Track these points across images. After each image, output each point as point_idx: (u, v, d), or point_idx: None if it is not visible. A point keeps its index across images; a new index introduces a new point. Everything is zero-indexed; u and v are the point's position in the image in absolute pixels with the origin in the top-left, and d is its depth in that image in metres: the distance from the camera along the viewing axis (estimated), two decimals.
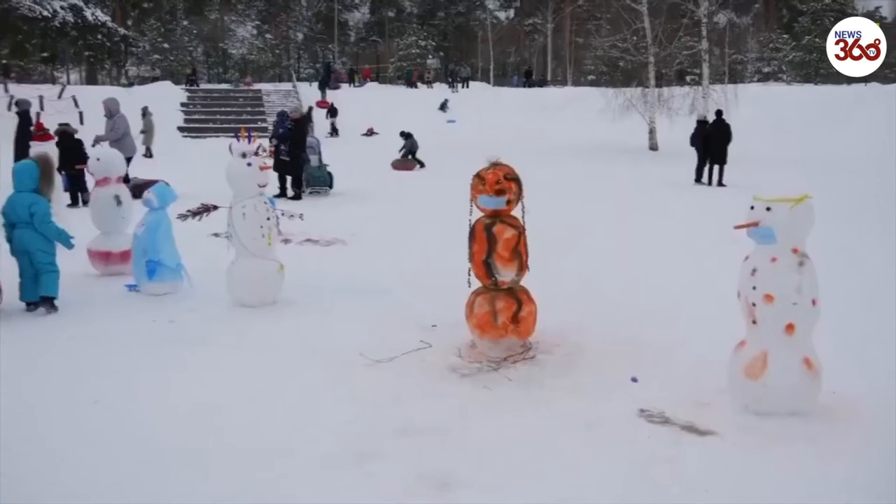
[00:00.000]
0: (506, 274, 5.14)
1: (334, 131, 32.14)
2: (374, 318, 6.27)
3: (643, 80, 27.45)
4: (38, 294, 6.50)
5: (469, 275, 5.29)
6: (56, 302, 6.54)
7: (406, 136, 21.77)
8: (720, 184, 16.89)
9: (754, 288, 4.24)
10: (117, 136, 13.10)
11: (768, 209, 4.16)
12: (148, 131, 24.77)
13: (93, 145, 12.09)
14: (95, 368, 5.17)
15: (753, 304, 4.25)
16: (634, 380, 4.90)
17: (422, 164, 21.11)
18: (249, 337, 5.88)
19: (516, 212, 5.27)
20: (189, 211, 6.69)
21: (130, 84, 33.06)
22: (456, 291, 5.52)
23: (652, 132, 27.24)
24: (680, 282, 7.64)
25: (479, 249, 5.13)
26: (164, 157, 23.64)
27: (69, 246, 6.72)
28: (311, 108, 29.67)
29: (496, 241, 5.07)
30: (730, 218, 4.84)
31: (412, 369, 5.10)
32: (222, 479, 3.68)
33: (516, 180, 5.17)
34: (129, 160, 11.41)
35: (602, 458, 3.90)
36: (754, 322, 4.30)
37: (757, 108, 27.25)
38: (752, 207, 4.25)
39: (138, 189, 9.13)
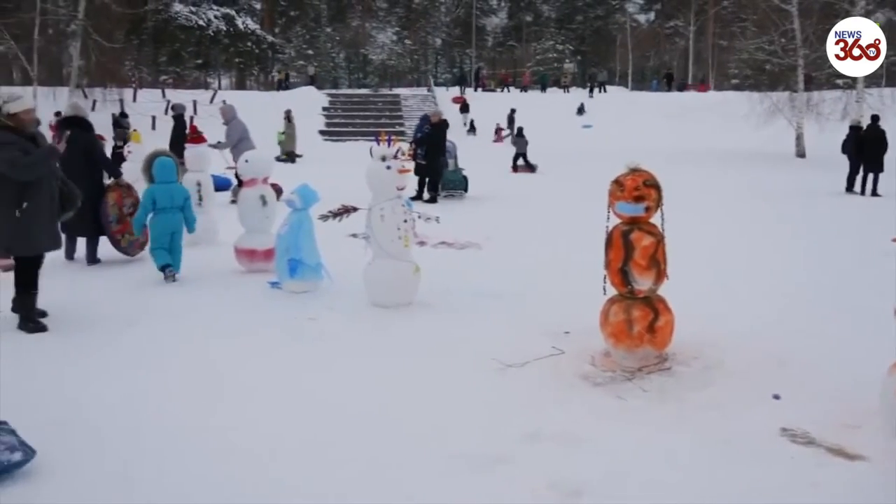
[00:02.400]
0: (642, 282, 5.03)
1: (472, 129, 32.61)
2: (507, 322, 6.27)
3: (791, 83, 26.30)
4: (173, 266, 7.78)
5: (605, 282, 5.21)
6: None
7: (518, 133, 21.97)
8: (874, 193, 15.98)
9: None
10: (231, 143, 13.35)
11: None
12: (289, 135, 25.32)
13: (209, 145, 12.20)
14: (236, 361, 5.40)
15: None
16: (777, 397, 4.68)
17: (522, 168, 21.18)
18: (384, 337, 5.99)
19: (655, 219, 5.15)
20: (330, 212, 6.88)
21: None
22: (589, 298, 5.44)
23: (799, 138, 26.09)
24: (825, 295, 7.25)
25: (616, 257, 5.04)
26: (306, 160, 24.51)
27: (192, 230, 8.17)
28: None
29: (633, 248, 4.96)
30: (885, 229, 4.58)
31: (544, 375, 5.06)
32: (348, 475, 3.77)
33: (656, 187, 5.05)
34: None
35: (739, 477, 3.74)
36: None
37: None
38: None
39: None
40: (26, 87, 28.25)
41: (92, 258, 8.57)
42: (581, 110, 37.27)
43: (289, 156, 24.55)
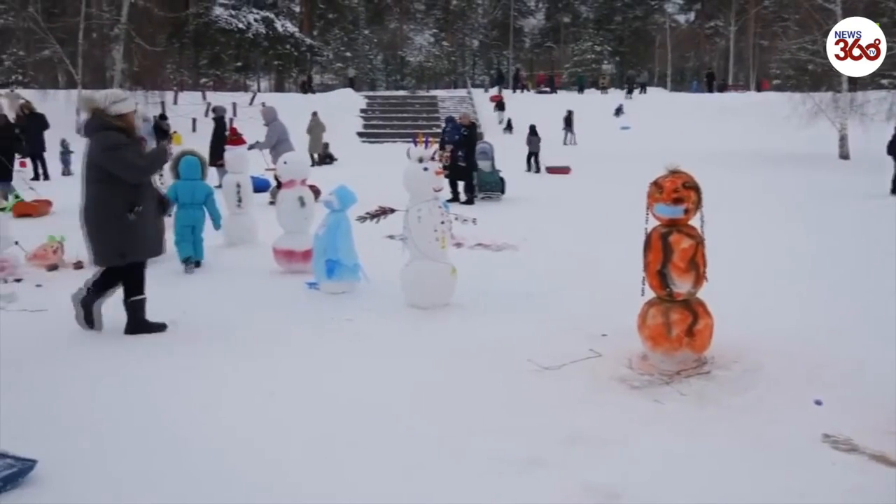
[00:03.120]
0: (681, 285, 4.98)
1: (509, 127, 32.69)
2: (544, 324, 6.25)
3: (834, 83, 25.86)
4: (194, 257, 8.36)
5: (643, 284, 5.17)
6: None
7: (531, 132, 22.14)
8: None
9: None
10: (269, 144, 13.56)
11: None
12: (311, 137, 25.22)
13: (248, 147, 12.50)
14: (273, 361, 5.45)
15: None
16: (819, 402, 4.60)
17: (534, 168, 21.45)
18: (420, 338, 6.01)
19: (695, 221, 5.10)
20: (367, 213, 6.93)
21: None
22: (627, 301, 5.40)
23: (843, 140, 25.63)
24: (866, 298, 7.12)
25: (655, 259, 5.00)
26: (343, 162, 24.64)
27: (218, 227, 8.80)
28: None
29: (672, 251, 4.92)
30: None
31: (581, 378, 5.03)
32: (379, 475, 3.77)
33: (695, 189, 5.00)
34: None
35: (780, 482, 3.68)
36: None
37: None
38: None
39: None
40: (71, 90, 28.82)
41: None
42: (619, 111, 37.07)
43: (321, 158, 24.60)
